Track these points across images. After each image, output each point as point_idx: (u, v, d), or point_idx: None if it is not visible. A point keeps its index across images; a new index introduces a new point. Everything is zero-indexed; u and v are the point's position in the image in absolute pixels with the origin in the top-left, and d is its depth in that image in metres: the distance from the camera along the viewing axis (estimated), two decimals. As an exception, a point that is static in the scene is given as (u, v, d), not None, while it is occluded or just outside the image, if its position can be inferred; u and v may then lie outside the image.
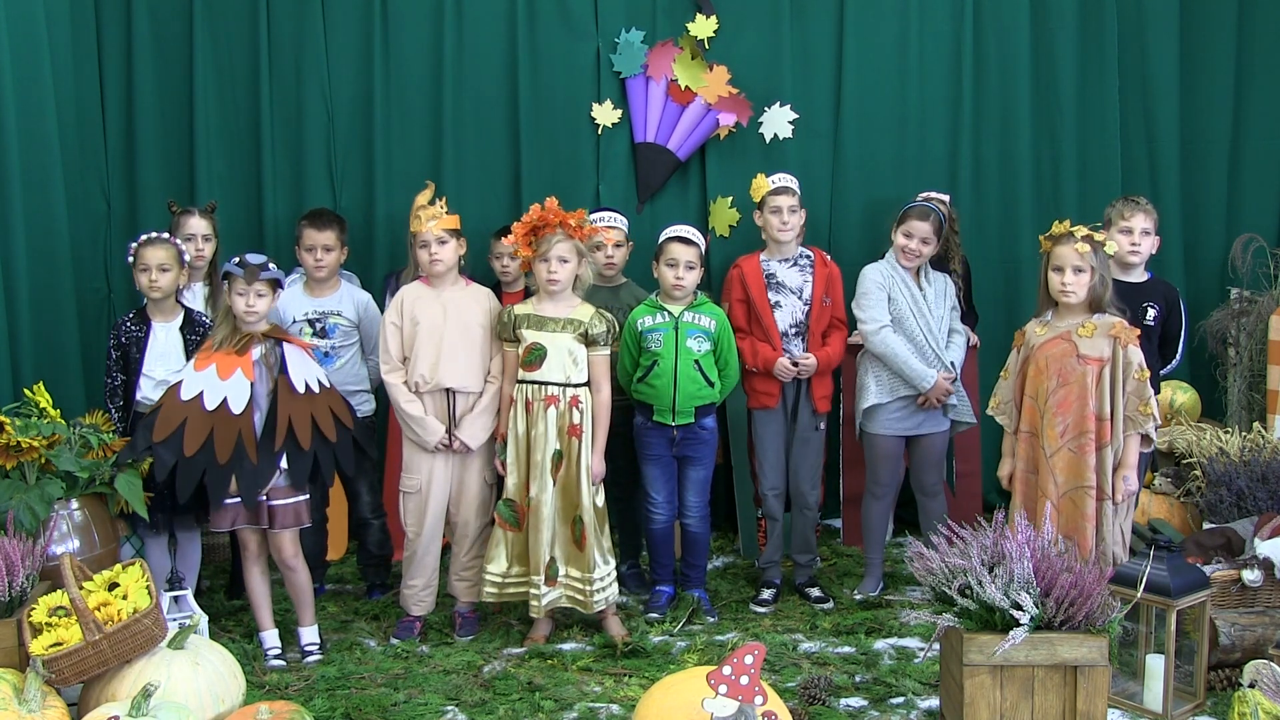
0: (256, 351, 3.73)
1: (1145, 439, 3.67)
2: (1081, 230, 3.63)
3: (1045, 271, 3.70)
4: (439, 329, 3.91)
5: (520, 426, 3.87)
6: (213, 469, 3.63)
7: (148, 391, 3.89)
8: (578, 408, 3.87)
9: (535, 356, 3.86)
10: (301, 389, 3.75)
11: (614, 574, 3.97)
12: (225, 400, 3.65)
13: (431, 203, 3.93)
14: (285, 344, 3.80)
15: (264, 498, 3.69)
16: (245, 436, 3.66)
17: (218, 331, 3.75)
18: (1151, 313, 4.07)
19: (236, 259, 3.73)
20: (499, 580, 3.93)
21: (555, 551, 3.89)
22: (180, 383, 3.68)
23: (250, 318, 3.72)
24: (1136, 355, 3.62)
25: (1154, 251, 4.20)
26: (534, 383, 3.86)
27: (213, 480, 3.64)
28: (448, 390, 3.92)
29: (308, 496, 3.80)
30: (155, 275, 3.89)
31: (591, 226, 4.01)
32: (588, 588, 3.89)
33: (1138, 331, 3.66)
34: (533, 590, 3.87)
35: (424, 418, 3.90)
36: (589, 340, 3.89)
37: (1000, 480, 3.87)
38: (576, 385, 3.88)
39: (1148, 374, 3.63)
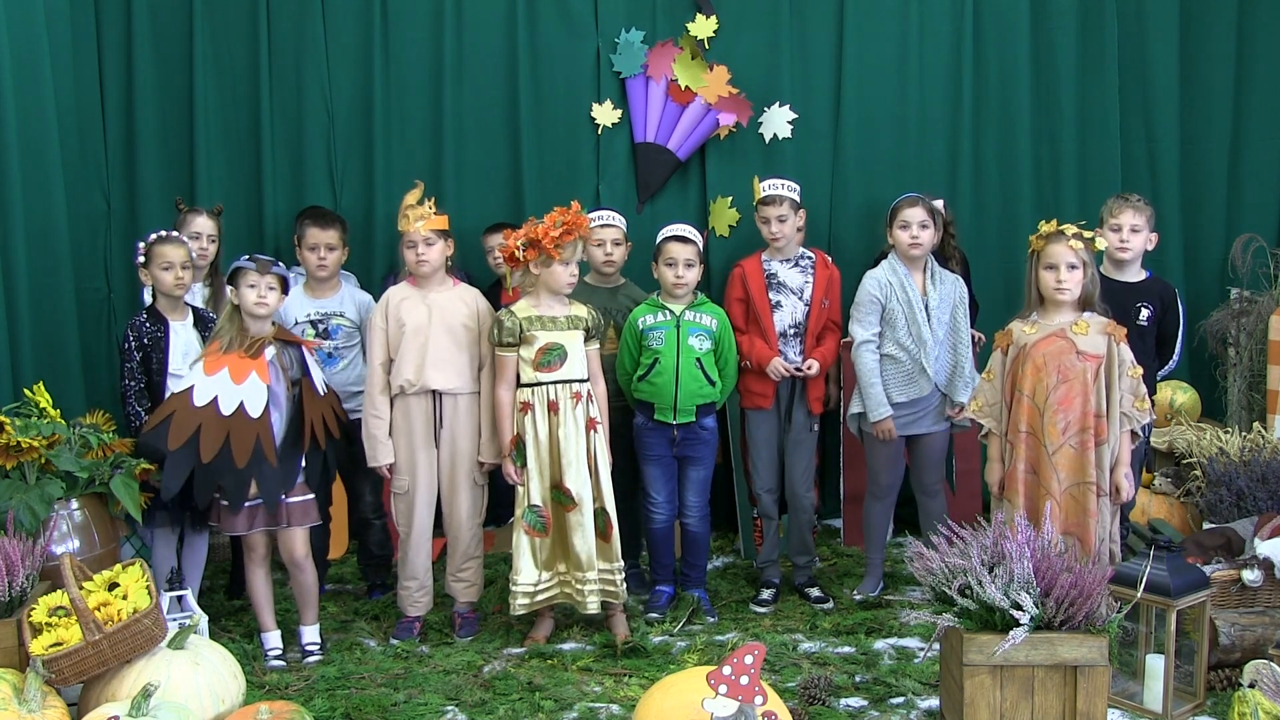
0: (269, 352, 3.72)
1: (1131, 435, 3.70)
2: (1071, 228, 3.65)
3: (1034, 271, 3.71)
4: (424, 330, 3.90)
5: (542, 430, 3.85)
6: (231, 474, 3.61)
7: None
8: (593, 402, 3.91)
9: (555, 357, 3.85)
10: (321, 391, 3.83)
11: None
12: (242, 404, 3.63)
13: (420, 202, 3.92)
14: (302, 346, 3.82)
15: (281, 497, 3.71)
16: (263, 440, 3.64)
17: (224, 333, 3.71)
18: (1145, 313, 4.08)
19: (246, 255, 3.74)
20: (531, 590, 3.90)
21: None
22: (191, 388, 3.64)
23: (260, 310, 3.69)
24: (1128, 352, 3.66)
25: (1149, 248, 4.20)
26: (558, 382, 3.85)
27: (231, 485, 3.62)
28: (434, 392, 3.92)
29: (314, 495, 3.82)
30: (180, 272, 3.87)
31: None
32: (616, 577, 3.92)
33: (1124, 329, 3.69)
34: (585, 587, 3.87)
35: (378, 440, 3.92)
36: (588, 336, 3.92)
37: (990, 486, 3.83)
38: (586, 380, 3.91)
39: (1140, 370, 3.66)
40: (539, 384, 3.85)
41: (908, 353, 4.17)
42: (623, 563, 3.97)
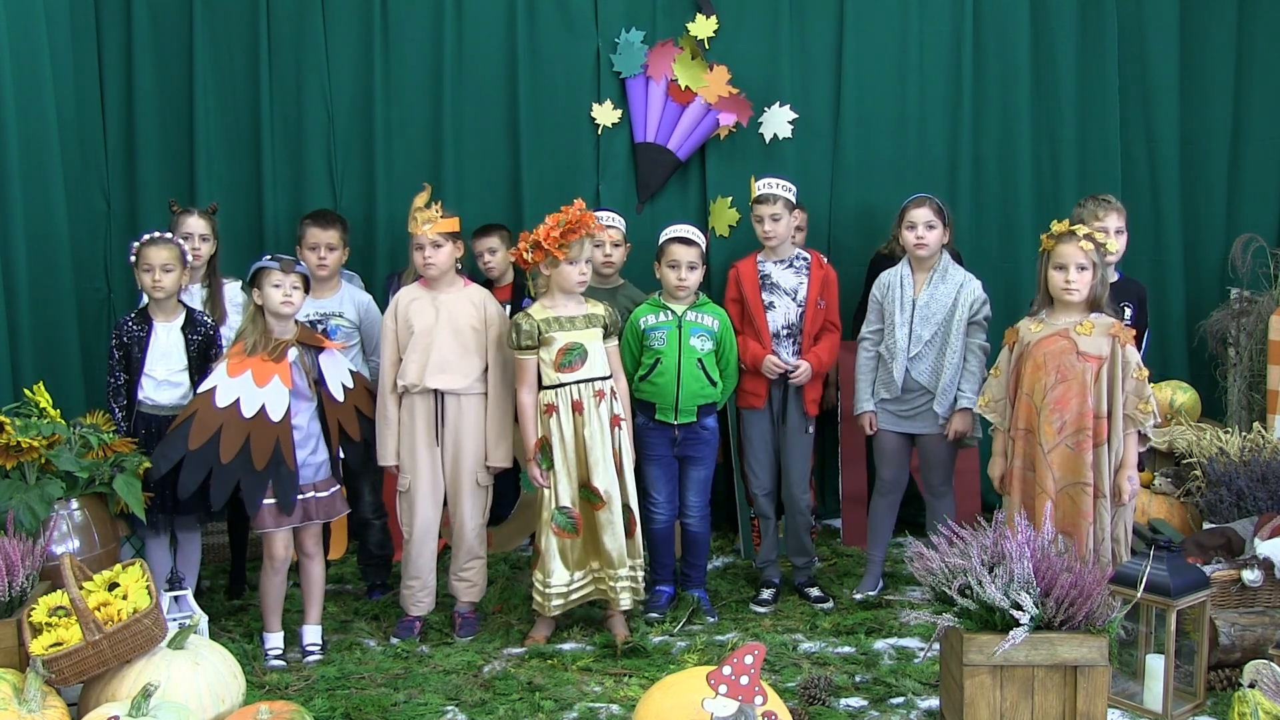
0: (291, 354, 3.74)
1: (1142, 437, 3.68)
2: (1083, 229, 3.64)
3: (1044, 270, 3.70)
4: (430, 331, 3.91)
5: (568, 430, 3.86)
6: (249, 475, 3.63)
7: (149, 391, 3.89)
8: (616, 398, 3.92)
9: (575, 356, 3.85)
10: (340, 397, 3.86)
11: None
12: (263, 407, 3.65)
13: (428, 205, 3.93)
14: (321, 351, 3.84)
15: (306, 494, 3.76)
16: (283, 443, 3.66)
17: (248, 335, 3.73)
18: (1128, 312, 4.10)
19: (269, 256, 3.77)
20: (564, 591, 3.91)
21: None
22: (214, 389, 3.65)
23: (286, 309, 3.71)
24: (1134, 355, 3.64)
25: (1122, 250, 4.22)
26: (580, 382, 3.85)
27: (249, 486, 3.64)
28: (436, 392, 3.92)
29: (339, 488, 3.90)
30: (159, 275, 3.87)
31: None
32: (638, 573, 3.95)
33: (1134, 332, 3.68)
34: (618, 584, 3.90)
35: (386, 436, 3.93)
36: (607, 333, 3.93)
37: (993, 481, 3.87)
38: (609, 377, 3.91)
39: (1146, 373, 3.65)
40: (561, 385, 3.85)
41: (889, 352, 4.21)
42: (641, 560, 3.99)
